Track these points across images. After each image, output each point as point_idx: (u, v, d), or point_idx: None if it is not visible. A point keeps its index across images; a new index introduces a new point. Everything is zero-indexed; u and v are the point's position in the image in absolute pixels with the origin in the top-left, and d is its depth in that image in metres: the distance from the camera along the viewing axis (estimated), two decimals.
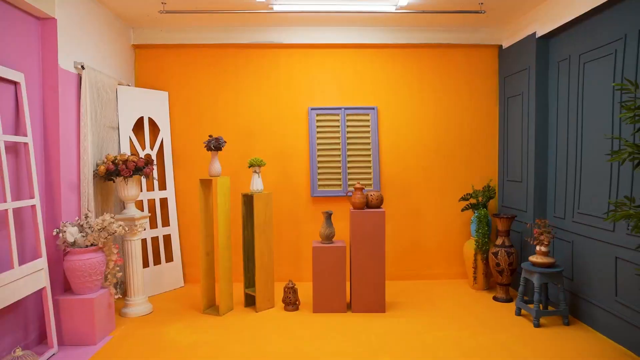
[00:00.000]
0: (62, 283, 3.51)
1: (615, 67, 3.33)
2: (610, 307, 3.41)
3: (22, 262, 3.02)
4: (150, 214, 4.41)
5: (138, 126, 4.68)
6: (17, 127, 3.13)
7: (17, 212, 3.05)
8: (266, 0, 4.06)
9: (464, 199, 4.84)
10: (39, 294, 3.28)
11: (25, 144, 3.13)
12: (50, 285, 3.31)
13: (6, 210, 2.85)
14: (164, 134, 4.87)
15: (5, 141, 2.94)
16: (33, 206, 3.13)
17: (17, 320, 3.10)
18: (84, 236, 3.46)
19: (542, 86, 4.32)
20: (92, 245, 3.47)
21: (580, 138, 3.78)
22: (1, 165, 2.83)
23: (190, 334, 3.58)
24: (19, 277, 2.88)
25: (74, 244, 3.41)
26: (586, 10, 3.54)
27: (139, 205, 4.49)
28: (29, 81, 3.26)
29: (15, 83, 3.08)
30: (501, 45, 5.02)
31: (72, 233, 3.39)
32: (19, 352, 2.58)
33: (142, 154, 4.60)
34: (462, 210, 4.85)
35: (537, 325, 3.69)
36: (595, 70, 3.58)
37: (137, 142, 4.61)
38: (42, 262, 3.14)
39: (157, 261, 4.76)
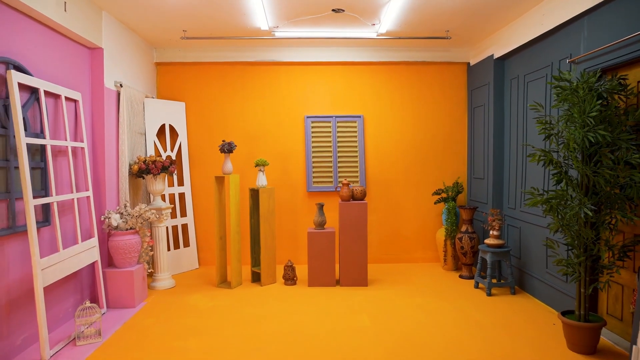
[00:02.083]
0: (106, 259, 4.38)
1: (546, 87, 4.21)
2: (542, 277, 4.30)
3: (81, 240, 3.88)
4: (172, 206, 5.28)
5: (160, 132, 5.55)
6: (76, 135, 3.99)
7: (74, 201, 3.91)
8: (269, 28, 4.92)
9: (436, 193, 5.71)
10: (90, 266, 4.15)
11: (82, 148, 3.99)
12: None
13: (72, 199, 3.72)
14: (182, 138, 5.73)
15: (72, 146, 3.80)
16: (88, 197, 4.00)
17: (76, 286, 3.97)
18: (124, 222, 4.32)
19: (499, 99, 5.20)
20: (130, 229, 4.34)
21: (525, 143, 4.66)
22: (69, 165, 3.70)
23: (208, 301, 4.44)
24: (81, 251, 3.74)
25: (116, 227, 4.28)
26: (528, 40, 4.41)
27: (162, 198, 5.35)
28: (83, 98, 4.12)
29: (75, 101, 3.95)
30: (469, 63, 5.90)
31: (115, 219, 4.26)
32: (87, 303, 3.44)
33: (164, 156, 5.46)
34: (435, 203, 5.73)
35: (489, 294, 4.57)
36: (534, 88, 4.46)
37: (160, 146, 5.48)
38: (94, 241, 4.00)
39: (176, 246, 5.62)
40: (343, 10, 4.37)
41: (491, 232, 4.70)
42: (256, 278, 5.14)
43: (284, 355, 3.19)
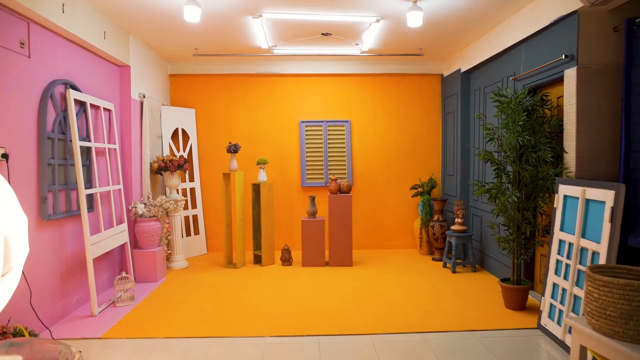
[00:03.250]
0: (133, 241, 5.23)
1: None
2: (496, 257, 5.18)
3: (115, 224, 4.74)
4: (185, 198, 6.13)
5: (174, 135, 6.40)
6: (109, 138, 4.84)
7: (110, 192, 4.77)
8: (268, 47, 5.77)
9: (413, 188, 6.58)
10: (120, 247, 4.99)
11: (115, 149, 4.85)
12: None
13: (109, 191, 4.57)
14: (192, 141, 6.58)
15: (108, 148, 4.66)
16: (119, 189, 4.85)
17: (109, 263, 4.82)
18: (148, 210, 5.17)
19: (465, 107, 6.07)
20: (153, 216, 5.19)
21: (483, 145, 5.53)
22: (106, 163, 4.56)
23: (217, 277, 5.30)
24: (115, 233, 4.59)
25: (141, 215, 5.12)
26: (485, 59, 5.29)
27: (177, 192, 6.19)
28: (114, 108, 4.97)
29: (109, 110, 4.80)
30: (442, 74, 6.78)
31: (140, 208, 5.11)
32: (124, 274, 4.30)
33: (177, 156, 6.31)
34: (413, 196, 6.60)
35: (454, 272, 5.44)
36: (491, 100, 5.33)
37: (174, 147, 6.33)
38: (125, 226, 4.85)
39: (187, 234, 6.48)
40: (330, 34, 5.24)
41: (456, 220, 5.57)
42: (257, 260, 6.00)
43: (281, 313, 4.06)
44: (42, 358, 2.52)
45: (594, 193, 3.05)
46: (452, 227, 5.57)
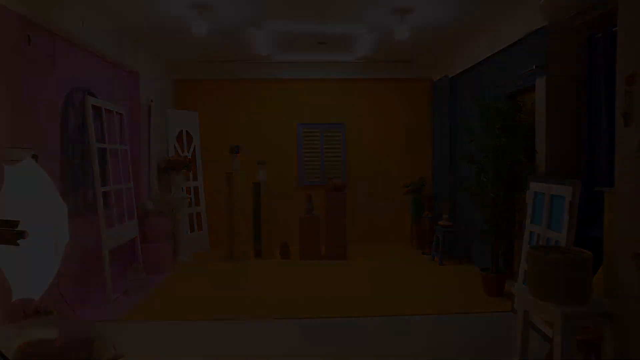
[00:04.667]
0: (142, 236, 5.59)
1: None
2: (479, 249, 5.57)
3: (127, 219, 5.11)
4: (189, 196, 6.50)
5: (179, 136, 6.77)
6: (121, 140, 5.21)
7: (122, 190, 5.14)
8: (269, 54, 6.16)
9: (405, 186, 6.97)
10: (131, 241, 5.36)
11: (125, 150, 5.22)
12: None
13: (121, 188, 4.95)
14: (196, 142, 6.95)
15: (120, 149, 5.03)
16: (130, 187, 5.22)
17: (121, 256, 5.19)
18: (156, 207, 5.55)
19: (453, 110, 6.46)
20: (160, 213, 5.57)
21: (467, 147, 5.91)
22: (118, 162, 4.94)
23: (221, 269, 5.68)
24: (127, 227, 4.97)
25: (150, 211, 5.50)
26: (470, 65, 5.68)
27: (182, 190, 6.57)
28: (124, 112, 5.35)
29: (121, 114, 5.18)
30: (433, 79, 7.17)
31: (149, 205, 5.48)
32: (136, 266, 4.68)
33: (182, 156, 6.67)
34: (404, 194, 6.99)
35: (441, 264, 5.83)
36: (474, 105, 5.73)
37: (179, 148, 6.70)
38: (135, 221, 5.22)
39: (192, 230, 6.85)
40: (326, 43, 5.63)
41: (444, 216, 5.97)
42: (258, 254, 6.39)
43: (280, 299, 4.44)
44: (73, 330, 2.91)
45: (556, 189, 3.44)
46: (440, 223, 5.95)
